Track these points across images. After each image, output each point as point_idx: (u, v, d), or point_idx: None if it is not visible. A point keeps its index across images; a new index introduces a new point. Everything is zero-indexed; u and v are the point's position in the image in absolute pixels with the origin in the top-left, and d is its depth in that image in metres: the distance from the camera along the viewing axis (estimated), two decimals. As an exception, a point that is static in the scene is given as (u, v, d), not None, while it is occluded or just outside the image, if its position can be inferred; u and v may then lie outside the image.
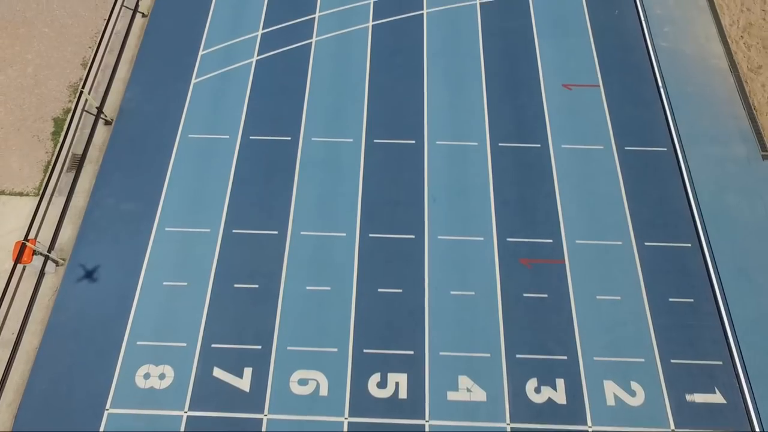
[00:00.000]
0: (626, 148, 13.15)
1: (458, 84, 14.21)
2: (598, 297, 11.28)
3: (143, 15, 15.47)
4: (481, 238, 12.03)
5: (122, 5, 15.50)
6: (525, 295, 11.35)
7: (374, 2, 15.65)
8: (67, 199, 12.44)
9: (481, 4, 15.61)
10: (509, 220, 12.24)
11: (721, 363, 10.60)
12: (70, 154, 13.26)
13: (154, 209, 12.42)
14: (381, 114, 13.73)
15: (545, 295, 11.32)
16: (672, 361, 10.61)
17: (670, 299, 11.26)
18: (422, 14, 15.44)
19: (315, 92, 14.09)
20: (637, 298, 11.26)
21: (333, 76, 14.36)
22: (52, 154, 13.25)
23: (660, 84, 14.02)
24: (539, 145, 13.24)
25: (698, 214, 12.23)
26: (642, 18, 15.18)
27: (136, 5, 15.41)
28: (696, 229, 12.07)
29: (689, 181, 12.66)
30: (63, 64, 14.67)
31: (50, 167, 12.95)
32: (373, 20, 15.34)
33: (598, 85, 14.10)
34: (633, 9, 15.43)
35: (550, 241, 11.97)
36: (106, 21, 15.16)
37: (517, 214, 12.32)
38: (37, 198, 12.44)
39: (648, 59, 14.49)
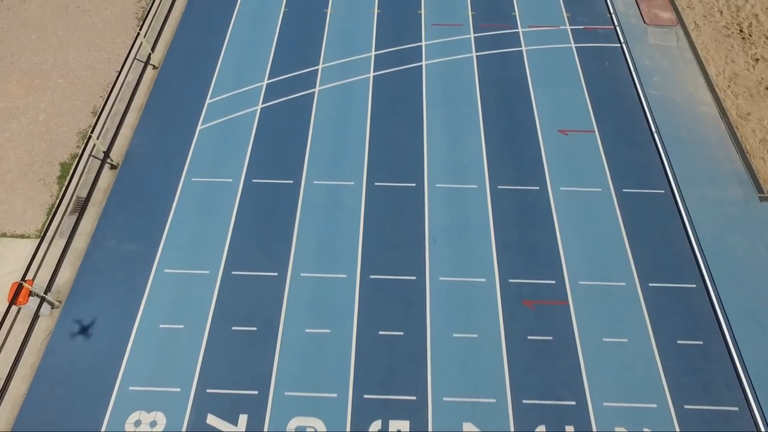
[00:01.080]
0: (624, 190, 13.30)
1: (457, 130, 14.60)
2: (604, 339, 11.00)
3: (154, 67, 16.16)
4: (483, 280, 11.91)
5: (134, 58, 16.25)
6: (530, 337, 11.07)
7: (375, 55, 16.40)
8: (67, 240, 12.45)
9: (477, 56, 16.35)
10: (511, 262, 12.17)
11: (737, 409, 10.17)
12: (74, 197, 13.40)
13: (154, 251, 12.39)
14: (382, 158, 14.01)
15: (550, 338, 11.04)
16: (686, 407, 10.18)
17: (679, 341, 10.97)
18: (421, 65, 16.13)
19: (317, 137, 14.45)
20: (644, 341, 10.97)
21: (335, 123, 14.79)
22: (57, 198, 13.39)
23: (653, 129, 14.41)
24: (538, 188, 13.41)
25: (701, 255, 12.18)
26: (631, 68, 15.85)
27: (148, 58, 16.15)
28: (699, 270, 11.98)
29: (689, 223, 12.70)
30: (74, 112, 15.15)
31: (53, 209, 13.05)
32: (374, 71, 16.00)
33: (593, 131, 14.48)
34: (622, 60, 16.13)
35: (553, 282, 11.84)
36: (118, 72, 15.82)
37: (518, 256, 12.26)
38: (38, 240, 12.44)
39: (640, 106, 14.99)
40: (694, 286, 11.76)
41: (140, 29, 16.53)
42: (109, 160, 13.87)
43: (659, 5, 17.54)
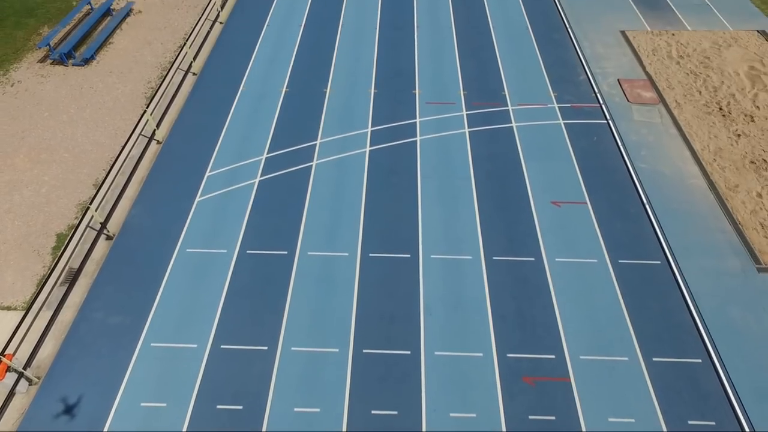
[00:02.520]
0: (620, 261, 13.21)
1: (451, 202, 14.81)
2: (610, 419, 10.37)
3: (158, 142, 16.75)
4: (480, 354, 11.47)
5: (140, 134, 16.91)
6: (531, 417, 10.45)
7: (372, 131, 17.05)
8: (54, 313, 12.18)
9: (470, 131, 16.99)
10: (508, 335, 11.80)
11: (759, 499, 9.34)
12: (66, 267, 13.30)
13: (142, 323, 12.08)
14: (377, 229, 14.08)
15: (553, 417, 10.42)
16: (703, 497, 9.37)
17: (690, 422, 10.33)
18: (416, 140, 16.71)
19: (313, 209, 14.63)
20: (653, 421, 10.34)
21: (331, 195, 15.04)
22: (49, 269, 13.29)
23: (645, 201, 14.61)
24: (533, 259, 13.33)
25: (704, 328, 11.83)
26: (619, 143, 16.39)
27: (153, 134, 16.80)
28: (704, 344, 11.57)
29: (689, 295, 12.48)
30: (76, 184, 15.49)
31: (42, 281, 12.90)
32: (370, 146, 16.55)
33: (586, 202, 14.67)
34: (610, 136, 16.73)
35: (553, 357, 11.40)
36: (122, 146, 16.38)
37: (516, 329, 11.92)
38: (24, 312, 12.18)
39: (630, 178, 15.31)
40: (700, 360, 11.30)
41: (147, 107, 17.37)
42: (105, 231, 13.95)
43: (641, 86, 18.52)
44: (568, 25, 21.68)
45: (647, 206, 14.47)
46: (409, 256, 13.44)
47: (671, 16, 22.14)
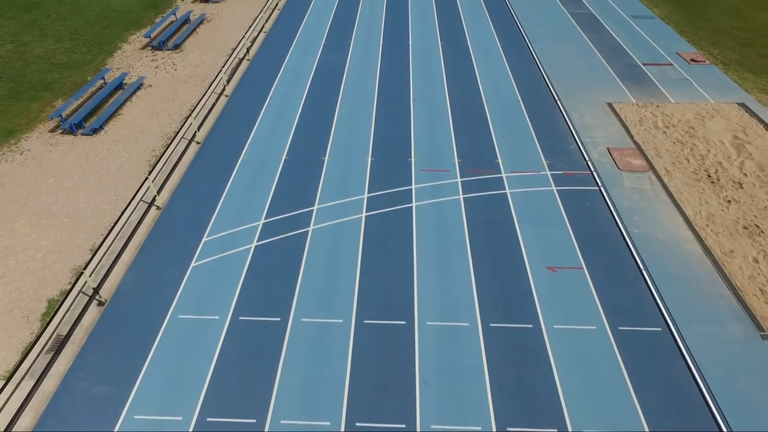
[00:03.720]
0: (620, 328, 12.94)
1: (447, 267, 14.77)
2: (619, 502, 9.67)
3: (158, 208, 17.02)
4: (479, 428, 10.92)
5: (140, 200, 17.22)
6: (534, 499, 9.75)
7: (368, 197, 17.37)
8: (36, 382, 11.76)
9: (464, 198, 17.30)
10: (508, 406, 11.29)
11: None
12: (54, 334, 13.02)
13: (126, 394, 11.61)
14: (372, 295, 13.93)
15: (558, 500, 9.71)
16: None
17: (705, 505, 9.62)
18: (411, 207, 16.97)
19: (308, 275, 14.56)
20: (665, 504, 9.63)
21: (326, 260, 15.03)
22: (36, 335, 13.01)
23: (641, 266, 14.56)
24: (531, 326, 13.06)
25: (712, 400, 11.34)
26: (612, 209, 16.62)
27: (153, 199, 17.11)
28: (714, 418, 11.04)
29: (693, 363, 12.09)
30: (73, 249, 15.54)
31: (28, 348, 12.57)
32: (366, 212, 16.78)
33: (582, 267, 14.62)
34: (602, 202, 17.00)
35: (555, 431, 10.83)
36: (122, 212, 16.62)
37: (515, 399, 11.43)
38: (4, 382, 11.75)
39: (624, 244, 15.37)
40: (711, 435, 10.72)
41: (149, 174, 17.84)
42: (97, 297, 13.81)
43: (630, 154, 19.10)
44: (557, 98, 22.76)
45: (644, 271, 14.40)
46: (404, 323, 13.19)
47: (654, 90, 23.29)
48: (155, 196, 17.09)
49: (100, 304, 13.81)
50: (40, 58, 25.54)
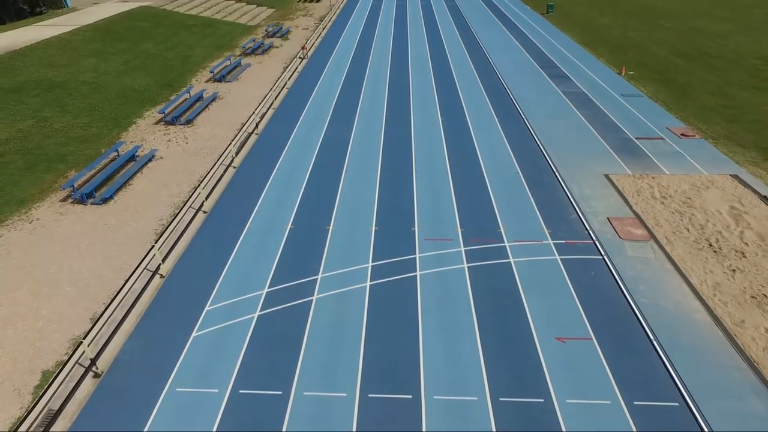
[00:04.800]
0: (635, 402, 12.41)
1: (453, 338, 14.47)
2: None
3: (161, 276, 16.99)
4: None
5: (145, 268, 17.24)
6: None
7: (372, 266, 17.39)
8: (22, 461, 11.10)
9: (468, 267, 17.32)
10: (523, 490, 10.56)
11: None
12: (45, 409, 12.48)
13: (116, 475, 10.92)
14: (376, 368, 13.52)
15: None
16: None
17: None
18: (416, 275, 16.94)
19: (311, 346, 14.24)
20: None
21: (330, 331, 14.76)
22: (26, 411, 12.47)
23: (651, 336, 14.26)
24: (542, 400, 12.55)
25: (740, 483, 10.63)
26: (617, 278, 16.57)
27: (157, 268, 17.13)
28: (744, 503, 10.29)
29: (715, 442, 11.47)
30: (73, 318, 15.32)
31: (16, 425, 12.00)
32: (371, 281, 16.73)
33: (591, 338, 14.31)
34: (607, 271, 16.99)
35: None
36: (125, 280, 16.57)
37: (530, 482, 10.71)
38: (-10, 461, 11.12)
39: (632, 313, 15.15)
40: None
41: (156, 242, 18.01)
42: (93, 369, 13.40)
43: (630, 223, 19.38)
44: (555, 170, 23.48)
45: (654, 342, 14.08)
46: (410, 397, 12.69)
47: (649, 162, 24.08)
48: (160, 264, 17.13)
49: (96, 375, 13.37)
50: (58, 132, 26.70)
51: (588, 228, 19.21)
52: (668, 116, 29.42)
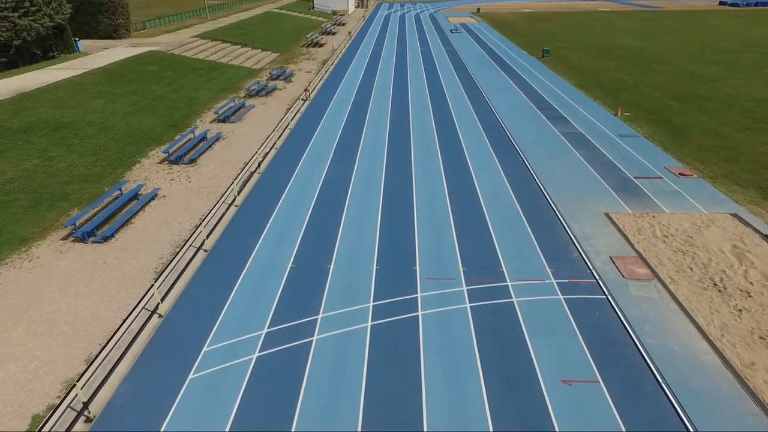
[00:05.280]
0: (647, 449, 11.95)
1: (456, 379, 14.11)
2: None
3: (159, 316, 16.75)
4: None
5: (143, 308, 17.02)
6: None
7: (373, 305, 17.18)
8: None
9: (471, 306, 17.09)
10: None
11: None
12: (34, 456, 12.01)
13: None
14: (378, 410, 13.11)
15: None
16: None
17: None
18: (417, 315, 16.70)
19: (311, 388, 13.86)
20: None
21: (330, 373, 14.41)
22: (14, 457, 12.00)
23: (659, 379, 13.89)
24: (550, 447, 12.09)
25: None
26: (622, 318, 16.32)
27: (156, 307, 16.91)
28: None
29: (733, 492, 10.96)
30: (68, 359, 14.99)
31: (5, 472, 11.53)
32: (372, 321, 16.48)
33: (598, 381, 13.94)
34: (611, 311, 16.76)
35: None
36: (122, 320, 16.32)
37: None
38: None
39: (639, 355, 14.82)
40: None
41: (155, 281, 17.86)
42: (86, 413, 12.99)
43: (633, 262, 19.27)
44: (555, 209, 23.58)
45: (663, 385, 13.70)
46: (413, 442, 12.23)
47: (648, 201, 24.22)
48: (158, 303, 16.93)
49: (88, 420, 12.94)
50: (63, 171, 27.02)
51: (590, 267, 19.09)
52: (665, 156, 29.84)
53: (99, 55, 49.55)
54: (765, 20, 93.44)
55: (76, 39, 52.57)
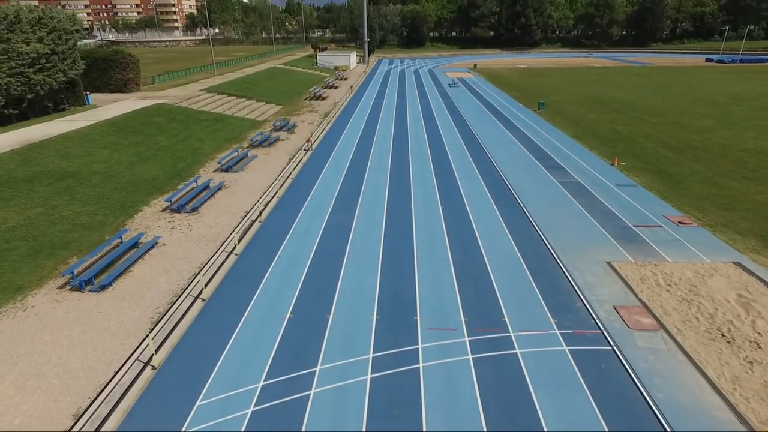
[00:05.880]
0: None
1: (459, 437, 13.49)
2: None
3: (153, 368, 16.27)
4: None
5: (137, 359, 16.56)
6: None
7: (373, 357, 16.72)
8: None
9: (473, 358, 16.63)
10: None
11: None
12: None
13: None
14: (377, 471, 12.44)
15: None
16: None
17: None
18: (419, 367, 16.22)
19: (307, 446, 13.23)
20: None
21: (329, 428, 13.80)
22: None
23: (672, 437, 13.29)
24: None
25: None
26: (629, 371, 15.83)
27: (150, 359, 16.46)
28: None
29: None
30: (54, 415, 14.41)
31: None
32: (371, 373, 15.98)
33: (608, 438, 13.33)
34: (618, 363, 16.28)
35: None
36: (114, 373, 15.83)
37: None
38: None
39: (650, 409, 14.24)
40: None
41: (150, 331, 17.47)
42: (70, 472, 12.33)
43: (637, 312, 18.94)
44: (556, 257, 23.45)
45: (677, 443, 13.08)
46: (415, 506, 11.52)
47: (650, 250, 24.13)
48: (152, 355, 16.48)
49: (72, 481, 12.27)
50: (65, 219, 27.15)
51: (595, 317, 18.74)
52: (664, 205, 30.04)
53: (108, 107, 51.10)
54: (750, 76, 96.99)
55: (87, 92, 54.39)
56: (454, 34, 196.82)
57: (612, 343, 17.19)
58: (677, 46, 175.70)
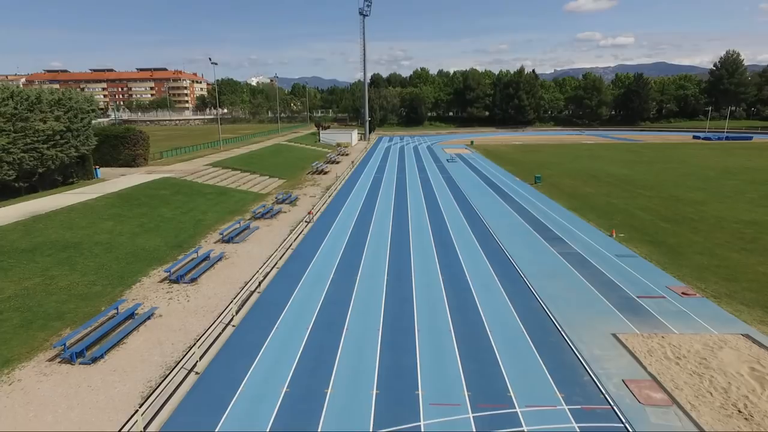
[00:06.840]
0: None
1: None
2: None
3: (140, 447, 15.36)
4: None
5: (134, 424, 15.68)
6: None
7: (374, 411, 15.86)
8: None
9: (474, 416, 15.73)
10: None
11: None
12: None
13: None
14: None
15: None
16: None
17: None
18: (419, 425, 15.33)
19: None
20: None
21: None
22: None
23: None
24: None
25: None
26: (645, 450, 14.92)
27: (148, 422, 15.59)
28: None
29: None
30: (30, 500, 13.38)
31: None
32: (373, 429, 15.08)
33: None
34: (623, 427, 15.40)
35: None
36: (99, 452, 14.92)
37: None
38: None
39: (670, 494, 13.24)
40: None
41: (140, 406, 16.69)
42: None
43: (648, 386, 18.20)
44: (560, 329, 22.95)
45: None
46: None
47: (655, 321, 23.67)
48: (140, 432, 15.64)
49: None
50: (62, 289, 26.90)
51: (603, 391, 17.98)
52: (665, 275, 29.89)
53: (116, 180, 52.50)
54: (737, 152, 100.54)
55: (96, 166, 56.14)
56: (451, 113, 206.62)
57: (624, 420, 16.35)
58: (664, 125, 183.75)
